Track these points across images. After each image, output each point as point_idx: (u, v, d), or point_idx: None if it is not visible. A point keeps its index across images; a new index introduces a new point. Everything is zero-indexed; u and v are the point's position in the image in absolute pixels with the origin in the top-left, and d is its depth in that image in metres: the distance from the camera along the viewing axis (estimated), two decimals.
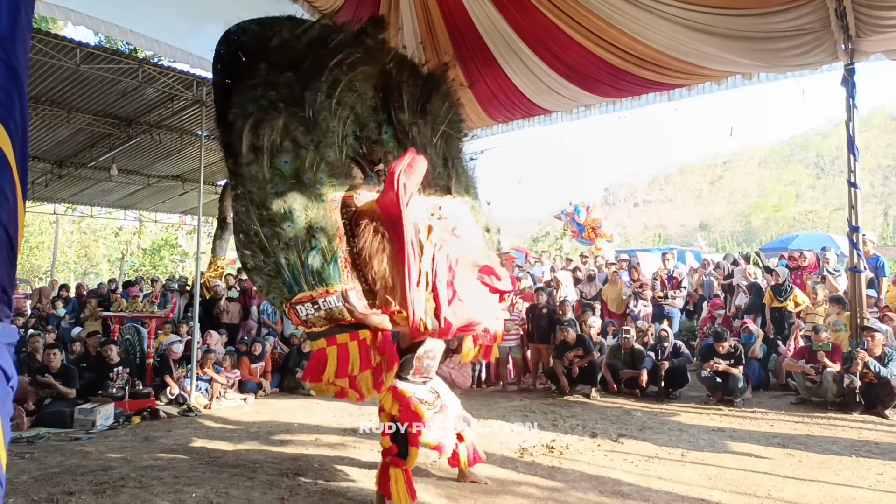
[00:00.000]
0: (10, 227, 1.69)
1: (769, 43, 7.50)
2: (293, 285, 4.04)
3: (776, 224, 50.56)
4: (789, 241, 18.66)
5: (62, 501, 4.29)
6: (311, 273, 4.02)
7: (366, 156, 4.82)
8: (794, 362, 7.74)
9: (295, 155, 4.23)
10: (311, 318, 4.03)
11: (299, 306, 4.02)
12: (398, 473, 4.10)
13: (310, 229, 4.07)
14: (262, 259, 4.11)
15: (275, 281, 4.11)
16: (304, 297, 4.01)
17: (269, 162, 4.16)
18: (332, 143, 4.42)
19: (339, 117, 4.55)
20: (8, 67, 1.69)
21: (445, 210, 4.48)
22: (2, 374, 1.62)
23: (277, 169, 4.17)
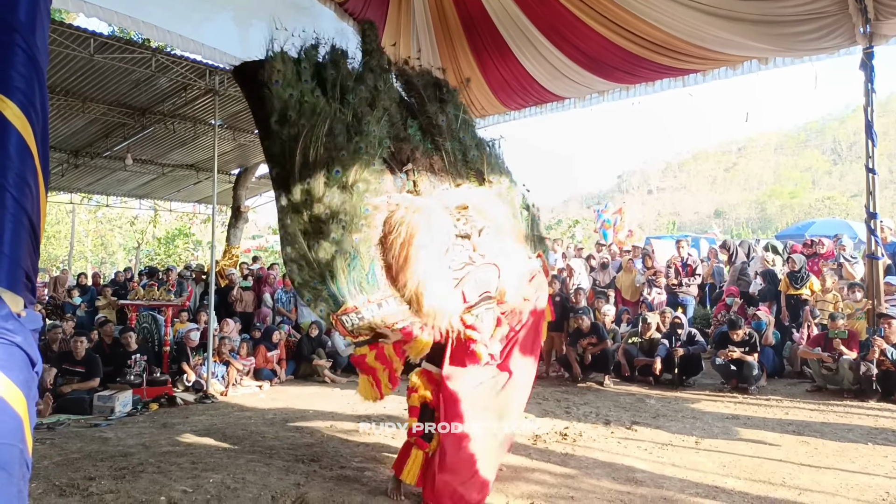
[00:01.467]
0: (34, 215, 1.72)
1: (786, 27, 7.39)
2: (338, 296, 4.00)
3: (792, 211, 50.00)
4: (806, 227, 18.45)
5: (83, 486, 4.36)
6: (353, 283, 3.99)
7: (394, 155, 4.75)
8: (809, 350, 7.69)
9: (345, 163, 4.17)
10: (357, 329, 4.03)
11: (345, 317, 3.99)
12: (418, 455, 4.12)
13: (352, 239, 4.05)
14: (309, 273, 4.07)
15: (321, 293, 4.08)
16: (349, 309, 3.98)
17: (324, 172, 4.10)
18: (372, 148, 4.38)
19: (376, 118, 4.52)
20: (28, 57, 1.71)
21: (472, 207, 4.45)
22: (28, 359, 1.65)
23: (328, 179, 4.11)
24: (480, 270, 4.32)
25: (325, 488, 4.32)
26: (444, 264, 4.18)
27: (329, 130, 4.18)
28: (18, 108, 1.67)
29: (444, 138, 5.02)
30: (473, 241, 4.36)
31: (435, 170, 4.89)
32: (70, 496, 4.18)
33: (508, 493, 4.21)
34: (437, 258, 4.13)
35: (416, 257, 4.00)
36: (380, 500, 4.10)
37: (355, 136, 4.29)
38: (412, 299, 4.02)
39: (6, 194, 1.63)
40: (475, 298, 4.27)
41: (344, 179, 4.13)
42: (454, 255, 4.26)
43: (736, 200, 61.30)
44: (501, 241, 4.57)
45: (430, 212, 4.18)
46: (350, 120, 4.33)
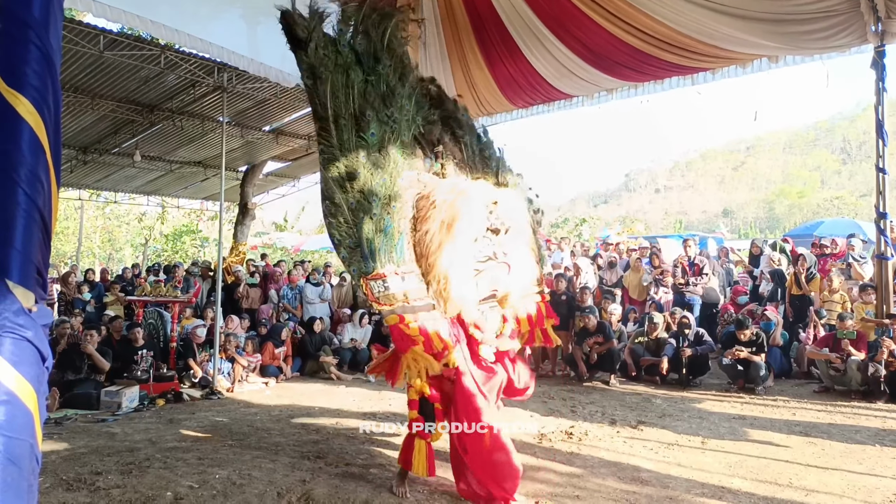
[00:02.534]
0: (46, 211, 1.73)
1: (796, 25, 7.35)
2: (370, 261, 4.04)
3: (801, 210, 49.76)
4: (814, 227, 18.34)
5: (90, 481, 4.38)
6: (383, 251, 4.04)
7: (424, 136, 4.85)
8: (817, 350, 7.65)
9: (378, 126, 4.25)
10: (382, 296, 4.03)
11: (373, 282, 4.03)
12: (422, 445, 4.14)
13: (388, 206, 4.08)
14: (346, 230, 4.11)
15: (355, 254, 4.10)
16: (378, 275, 4.02)
17: (356, 130, 4.18)
18: (405, 119, 4.46)
19: (408, 93, 4.58)
20: (42, 53, 1.72)
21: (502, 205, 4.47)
22: (38, 354, 1.66)
23: (363, 139, 4.18)
24: (497, 267, 4.34)
25: (330, 485, 4.33)
26: (471, 254, 4.20)
27: (362, 95, 4.24)
28: (32, 105, 1.68)
29: (463, 132, 5.10)
30: (500, 238, 4.38)
31: (457, 160, 4.97)
32: (77, 490, 4.21)
33: None
34: (469, 246, 4.16)
35: (454, 240, 4.04)
36: (385, 496, 4.11)
37: (388, 105, 4.35)
38: (437, 280, 4.04)
39: (18, 190, 1.64)
40: (485, 294, 4.30)
41: (378, 143, 4.19)
42: (481, 247, 4.28)
43: (744, 200, 61.09)
44: (517, 245, 4.60)
45: (472, 199, 4.21)
46: (383, 89, 4.39)
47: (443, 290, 4.03)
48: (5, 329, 1.56)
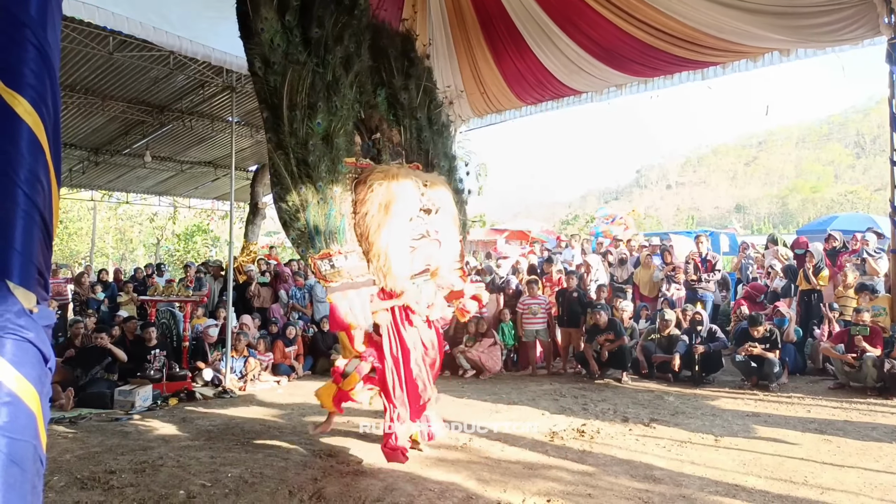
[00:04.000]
0: (46, 212, 1.72)
1: (807, 18, 7.25)
2: (317, 241, 4.33)
3: (814, 205, 49.27)
4: (828, 222, 18.12)
5: (104, 479, 4.41)
6: (328, 232, 4.34)
7: (364, 122, 5.14)
8: (831, 347, 7.55)
9: (325, 116, 4.43)
10: (329, 274, 4.35)
11: (320, 262, 4.34)
12: (332, 388, 4.74)
13: (331, 190, 4.37)
14: (294, 213, 4.33)
15: (303, 236, 4.36)
16: (324, 254, 4.33)
17: (306, 120, 4.34)
18: (347, 108, 4.66)
19: (350, 82, 4.77)
20: (39, 52, 1.71)
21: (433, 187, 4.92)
22: (41, 355, 1.65)
23: (311, 128, 4.35)
24: (429, 244, 4.81)
25: (341, 483, 4.33)
26: (407, 232, 4.61)
27: (311, 85, 4.40)
28: (30, 105, 1.67)
29: (404, 113, 5.43)
30: (431, 217, 4.82)
31: (394, 143, 5.32)
32: (91, 489, 4.24)
33: (525, 489, 4.19)
34: (404, 225, 4.57)
35: (391, 220, 4.43)
36: (396, 494, 4.10)
37: (333, 95, 4.54)
38: (377, 257, 4.43)
39: (18, 191, 1.63)
40: (419, 268, 4.77)
41: (323, 132, 4.41)
42: (415, 226, 4.71)
43: (756, 195, 60.59)
44: (446, 223, 5.05)
45: (405, 182, 4.60)
46: (329, 79, 4.55)
47: (383, 267, 4.44)
48: (7, 330, 1.56)
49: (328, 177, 4.35)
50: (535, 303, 9.23)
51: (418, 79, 5.62)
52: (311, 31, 4.54)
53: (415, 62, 5.68)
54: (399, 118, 5.43)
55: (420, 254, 4.77)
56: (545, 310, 9.24)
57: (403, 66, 5.55)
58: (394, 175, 4.60)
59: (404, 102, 5.46)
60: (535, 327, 9.18)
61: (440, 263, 4.98)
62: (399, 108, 5.44)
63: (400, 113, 5.44)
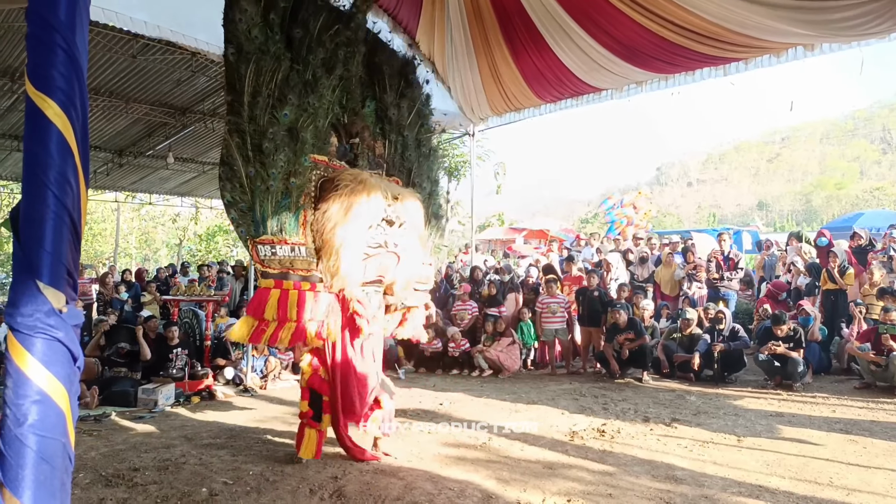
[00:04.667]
0: (75, 212, 1.76)
1: (832, 13, 7.10)
2: (260, 226, 4.36)
3: (839, 202, 48.48)
4: (853, 219, 17.84)
5: (128, 477, 4.49)
6: (276, 220, 4.36)
7: (345, 126, 5.20)
8: (858, 347, 7.43)
9: (293, 110, 4.49)
10: (267, 260, 4.39)
11: (260, 246, 4.38)
12: (312, 433, 4.75)
13: (287, 181, 4.41)
14: (240, 195, 4.38)
15: (246, 217, 4.40)
16: (266, 240, 4.37)
17: (270, 109, 4.40)
18: (323, 108, 4.71)
19: (331, 85, 4.84)
20: (68, 56, 1.74)
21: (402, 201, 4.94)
22: (70, 354, 1.69)
23: (275, 118, 4.41)
24: (386, 256, 4.80)
25: (361, 482, 4.35)
26: (364, 238, 4.61)
27: (285, 79, 4.47)
28: (59, 108, 1.71)
29: (391, 128, 5.51)
30: (393, 230, 4.82)
31: (375, 154, 5.39)
32: (116, 486, 4.31)
33: (545, 489, 4.18)
34: (362, 230, 4.57)
35: (348, 223, 4.44)
36: (416, 493, 4.11)
37: (310, 93, 4.60)
38: (328, 256, 4.43)
39: (48, 192, 1.67)
40: (371, 277, 4.76)
41: (289, 123, 4.45)
42: (374, 234, 4.69)
43: (779, 192, 59.76)
44: (410, 240, 5.03)
45: (372, 189, 4.59)
46: (308, 78, 4.63)
47: (332, 266, 4.43)
48: (37, 330, 1.60)
49: (286, 167, 4.39)
50: (555, 302, 9.20)
51: (412, 100, 5.74)
52: (293, 31, 4.67)
53: (412, 84, 5.81)
54: (385, 132, 5.52)
55: (374, 263, 4.74)
56: (564, 309, 9.21)
57: (398, 84, 5.66)
58: (362, 180, 4.62)
59: (392, 118, 5.54)
60: (555, 326, 9.15)
61: (396, 279, 4.98)
62: (387, 122, 5.53)
63: (387, 127, 5.52)
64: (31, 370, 1.57)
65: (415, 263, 5.17)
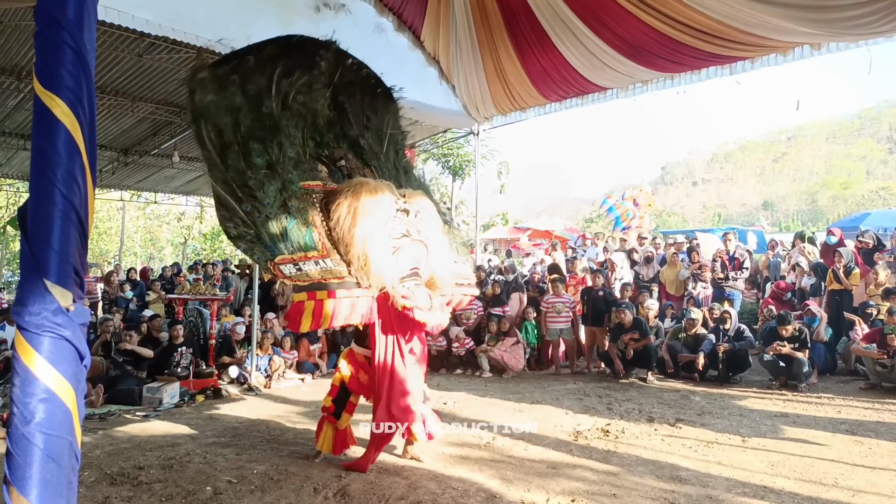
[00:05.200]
0: (82, 211, 1.76)
1: (838, 11, 7.07)
2: (274, 249, 4.43)
3: (845, 202, 48.29)
4: (860, 219, 17.75)
5: (133, 475, 4.50)
6: (289, 242, 4.41)
7: (328, 156, 5.25)
8: (862, 346, 7.40)
9: (264, 152, 4.58)
10: (294, 276, 4.44)
11: (282, 266, 4.42)
12: (329, 430, 4.83)
13: (285, 208, 4.48)
14: (244, 229, 4.48)
15: (257, 245, 4.49)
16: (286, 259, 4.41)
17: (243, 156, 4.52)
18: (294, 145, 4.80)
19: (297, 126, 4.92)
20: (76, 54, 1.75)
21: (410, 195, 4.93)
22: (76, 352, 1.69)
23: (251, 161, 4.51)
24: (414, 245, 4.74)
25: (365, 481, 4.36)
26: (385, 231, 4.59)
27: (249, 128, 4.58)
28: (67, 106, 1.71)
29: (368, 157, 5.53)
30: (411, 218, 4.79)
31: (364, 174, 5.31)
32: (121, 485, 4.32)
33: (549, 489, 4.18)
34: (380, 224, 4.55)
35: (364, 221, 4.43)
36: (420, 493, 4.11)
37: (276, 134, 4.68)
38: (357, 258, 4.43)
39: (55, 191, 1.67)
40: (407, 270, 4.67)
41: (265, 164, 4.55)
42: (394, 225, 4.68)
43: (785, 192, 59.57)
44: (432, 229, 4.96)
45: (376, 186, 4.63)
46: (269, 123, 4.71)
47: (363, 266, 4.43)
48: (44, 328, 1.60)
49: (280, 196, 4.47)
50: (559, 301, 9.19)
51: (377, 130, 5.74)
52: (247, 87, 4.73)
53: (376, 110, 5.79)
54: (365, 160, 5.54)
55: (404, 255, 4.68)
56: (569, 308, 9.20)
57: (362, 118, 5.67)
58: (363, 182, 4.66)
59: (365, 148, 5.57)
60: (559, 326, 9.14)
61: (435, 272, 4.88)
62: (361, 151, 5.55)
63: (365, 157, 5.55)
64: (38, 368, 1.57)
65: (447, 255, 5.10)
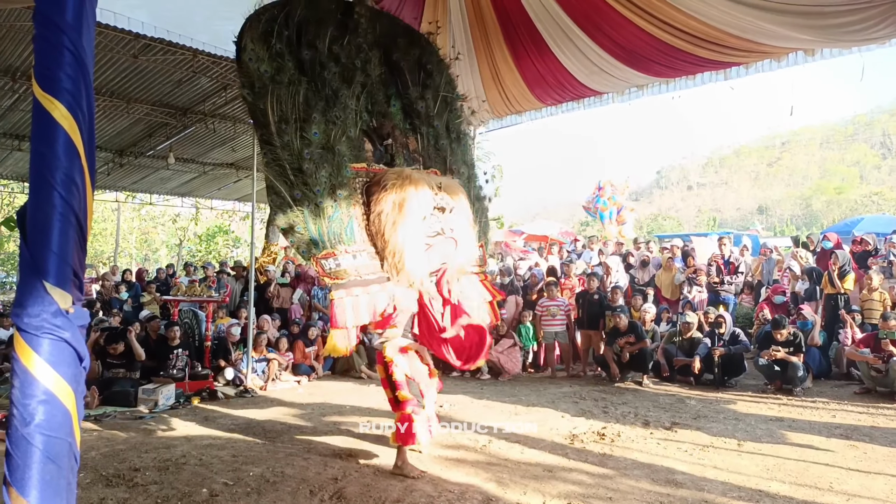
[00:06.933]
0: (81, 213, 1.76)
1: (832, 18, 7.11)
2: (319, 243, 4.43)
3: (839, 207, 48.50)
4: (853, 224, 17.85)
5: (128, 477, 4.48)
6: (332, 234, 4.43)
7: (376, 129, 5.26)
8: (857, 351, 7.43)
9: (322, 126, 4.60)
10: (334, 272, 4.44)
11: (324, 261, 4.42)
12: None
13: (333, 194, 4.48)
14: (293, 218, 4.46)
15: (304, 237, 4.47)
16: (329, 254, 4.42)
17: (300, 132, 4.51)
18: (350, 118, 4.83)
19: (354, 94, 4.97)
20: (75, 57, 1.75)
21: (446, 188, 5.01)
22: (76, 354, 1.69)
23: (307, 139, 4.51)
24: (445, 242, 4.88)
25: (361, 483, 4.35)
26: (422, 230, 4.70)
27: (305, 101, 4.59)
28: (66, 109, 1.71)
29: (420, 122, 5.57)
30: (446, 216, 4.90)
31: (410, 150, 5.45)
32: (116, 486, 4.31)
33: (545, 492, 4.18)
34: (419, 223, 4.66)
35: (405, 218, 4.53)
36: (416, 495, 4.11)
37: (333, 107, 4.72)
38: (392, 255, 4.51)
39: (54, 193, 1.67)
40: (436, 266, 4.84)
41: (322, 140, 4.56)
42: (430, 223, 4.79)
43: (779, 196, 59.81)
44: (461, 224, 5.09)
45: (418, 182, 4.71)
46: (328, 93, 4.75)
47: (397, 263, 4.51)
48: (43, 330, 1.60)
49: (330, 181, 4.48)
50: (555, 304, 9.20)
51: (436, 89, 5.76)
52: (302, 54, 4.79)
53: (432, 73, 5.80)
54: (416, 126, 5.57)
55: (436, 252, 4.84)
56: (564, 312, 9.21)
57: (419, 77, 5.69)
58: (407, 175, 4.72)
59: (421, 111, 5.59)
60: (555, 329, 9.15)
61: (458, 263, 5.05)
62: (416, 116, 5.58)
63: (416, 122, 5.58)
64: (37, 370, 1.57)
65: (470, 246, 5.23)
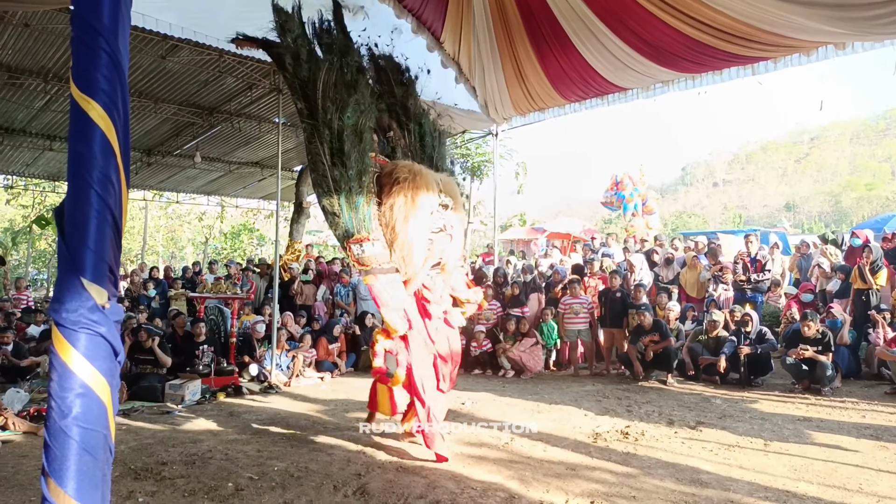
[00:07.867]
0: (117, 211, 1.81)
1: (863, 10, 6.97)
2: (350, 227, 4.63)
3: (869, 203, 47.52)
4: (885, 221, 17.43)
5: (156, 470, 4.58)
6: (357, 219, 4.63)
7: (378, 122, 5.50)
8: (889, 350, 7.29)
9: (354, 112, 4.80)
10: (361, 258, 4.63)
11: (354, 245, 4.62)
12: (384, 389, 5.10)
13: (360, 180, 4.66)
14: (330, 200, 4.65)
15: (338, 220, 4.65)
16: (357, 239, 4.61)
17: (339, 114, 4.71)
18: (366, 107, 5.00)
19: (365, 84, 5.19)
20: (111, 59, 1.79)
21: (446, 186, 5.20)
22: (111, 349, 1.74)
23: (342, 121, 4.71)
24: (444, 238, 5.08)
25: (384, 479, 4.39)
26: (428, 225, 4.89)
27: (336, 82, 4.80)
28: (103, 109, 1.76)
29: (408, 119, 5.78)
30: (447, 213, 5.10)
31: (402, 145, 5.73)
32: (145, 479, 4.40)
33: (568, 490, 4.17)
34: (426, 218, 4.85)
35: (416, 213, 4.71)
36: (439, 492, 4.13)
37: (355, 93, 4.91)
38: (402, 247, 4.69)
39: (91, 191, 1.72)
40: (435, 261, 5.04)
41: (353, 125, 4.76)
42: (435, 220, 4.98)
43: (808, 193, 58.79)
44: (457, 221, 5.29)
45: (428, 178, 4.89)
46: (350, 79, 4.97)
47: (406, 256, 4.69)
48: (81, 325, 1.65)
49: (357, 167, 4.64)
50: (577, 302, 9.16)
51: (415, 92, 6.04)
52: (324, 40, 5.07)
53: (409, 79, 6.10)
54: (402, 123, 5.81)
55: (436, 247, 5.03)
56: (587, 310, 9.16)
57: (400, 79, 6.01)
58: (418, 170, 4.89)
59: (410, 108, 5.83)
60: (577, 327, 9.12)
61: (449, 259, 5.25)
62: (403, 113, 5.82)
63: (403, 119, 5.82)
64: (75, 364, 1.62)
65: (460, 242, 5.43)
